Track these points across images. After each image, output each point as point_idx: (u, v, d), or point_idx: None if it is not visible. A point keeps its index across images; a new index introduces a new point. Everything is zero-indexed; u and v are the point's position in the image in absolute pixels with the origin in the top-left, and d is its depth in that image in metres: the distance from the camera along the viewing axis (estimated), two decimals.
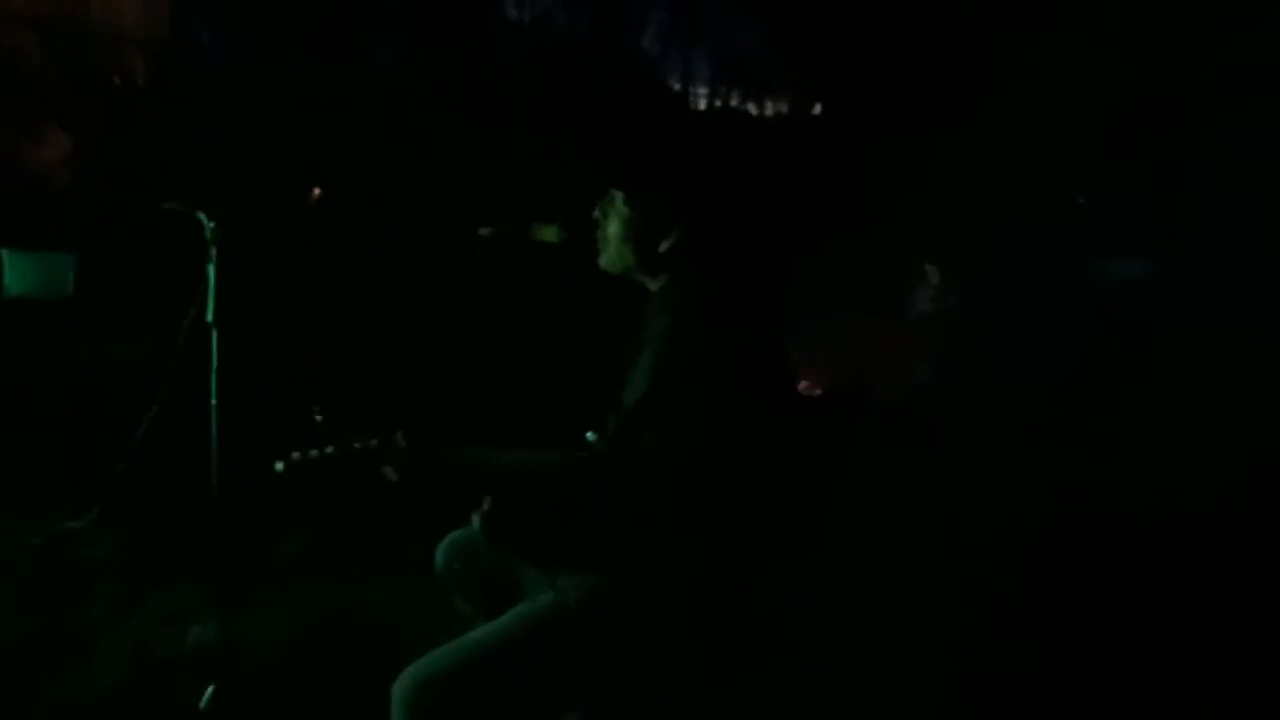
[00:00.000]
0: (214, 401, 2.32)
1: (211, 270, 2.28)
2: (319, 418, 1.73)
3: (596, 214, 1.87)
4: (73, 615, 2.86)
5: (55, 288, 6.85)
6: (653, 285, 1.88)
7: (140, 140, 8.38)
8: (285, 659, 2.68)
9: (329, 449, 1.73)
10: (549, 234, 1.96)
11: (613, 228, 1.86)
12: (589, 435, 1.93)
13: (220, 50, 9.41)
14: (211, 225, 2.26)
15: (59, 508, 3.37)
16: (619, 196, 1.85)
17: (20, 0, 7.75)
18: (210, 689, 2.41)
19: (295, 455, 1.71)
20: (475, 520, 1.73)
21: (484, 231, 2.03)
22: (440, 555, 2.16)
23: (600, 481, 1.75)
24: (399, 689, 1.81)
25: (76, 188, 8.54)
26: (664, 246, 1.83)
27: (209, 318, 2.30)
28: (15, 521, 3.35)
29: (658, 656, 1.83)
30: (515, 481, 1.79)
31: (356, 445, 1.75)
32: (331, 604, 2.96)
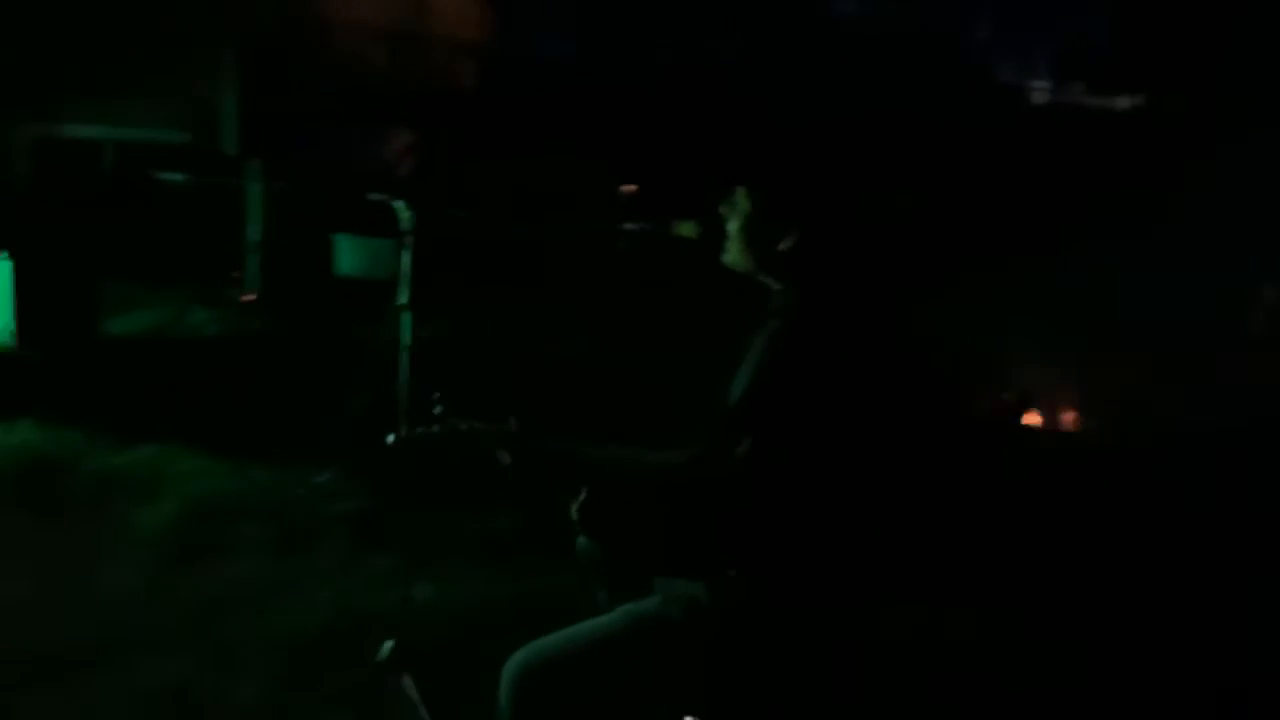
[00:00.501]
0: (404, 379, 2.48)
1: (406, 257, 2.43)
2: (437, 408, 1.79)
3: (722, 209, 1.80)
4: (302, 562, 3.20)
5: (381, 269, 7.65)
6: (774, 287, 1.79)
7: (468, 137, 9.18)
8: (464, 626, 2.82)
9: (441, 427, 1.79)
10: (688, 230, 1.91)
11: (734, 224, 1.79)
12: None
13: (544, 53, 10.09)
14: (409, 215, 2.41)
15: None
16: (741, 192, 1.77)
17: (370, 14, 8.71)
18: (389, 644, 2.58)
19: (405, 430, 1.79)
20: (573, 510, 1.72)
21: (629, 227, 2.02)
22: (581, 542, 2.18)
23: (692, 485, 1.69)
24: (507, 670, 1.84)
25: (412, 181, 9.49)
26: (782, 246, 1.74)
27: (403, 300, 2.46)
28: (286, 472, 3.79)
29: (755, 676, 1.74)
30: (615, 476, 1.76)
31: (467, 427, 1.80)
32: (519, 577, 3.07)
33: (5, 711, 2.41)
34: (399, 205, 2.43)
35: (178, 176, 7.02)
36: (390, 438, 1.79)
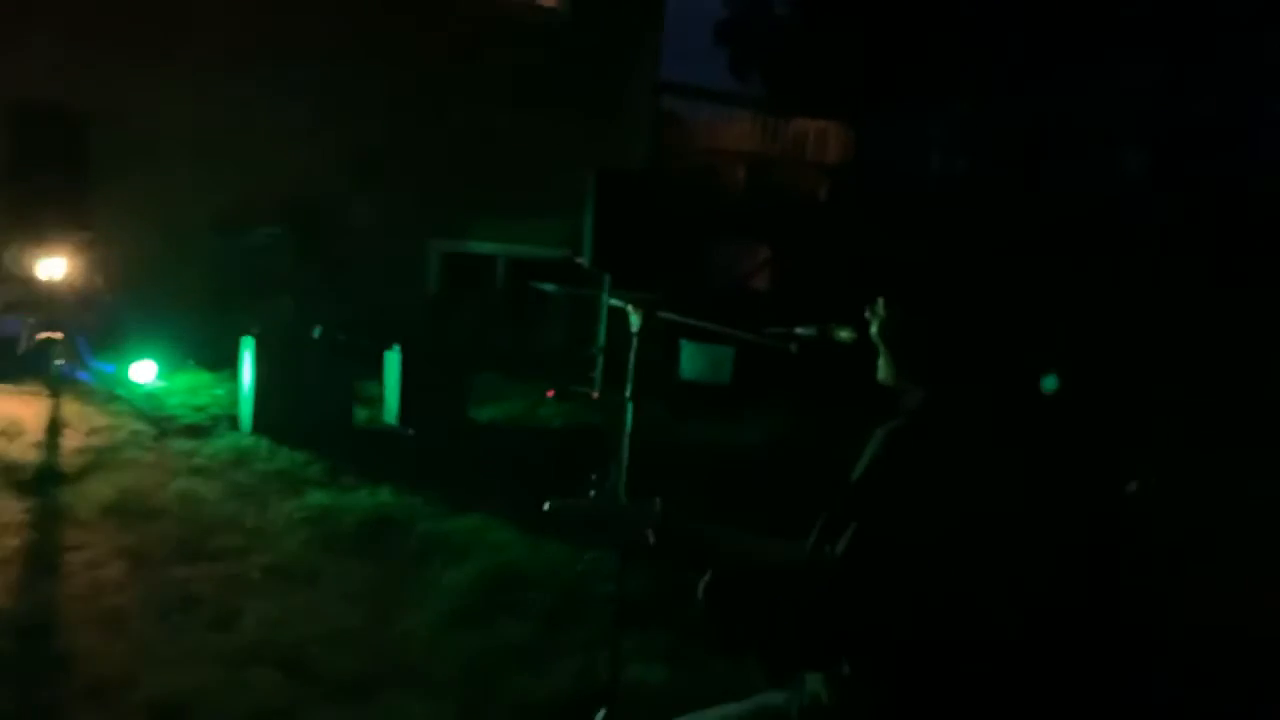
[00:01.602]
0: (624, 462, 2.73)
1: (632, 356, 2.71)
2: (594, 481, 2.01)
3: (866, 314, 1.87)
4: (566, 632, 3.51)
5: (718, 375, 8.10)
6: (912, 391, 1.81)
7: (819, 247, 9.50)
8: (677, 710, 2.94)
9: (592, 500, 2.00)
10: (845, 334, 1.98)
11: (874, 329, 1.85)
12: None
13: (886, 171, 10.27)
14: (636, 318, 2.69)
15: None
16: (881, 300, 1.84)
17: (728, 141, 9.40)
18: (601, 713, 2.79)
19: (558, 500, 2.01)
20: (699, 590, 1.84)
21: (800, 330, 2.12)
22: None
23: (806, 576, 1.74)
24: None
25: (767, 290, 9.95)
26: (915, 353, 1.77)
27: (628, 394, 2.73)
28: (575, 551, 4.17)
29: None
30: (740, 562, 1.85)
31: (617, 503, 1.99)
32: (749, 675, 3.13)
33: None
34: (629, 309, 2.71)
35: (551, 286, 7.97)
36: (546, 505, 2.03)
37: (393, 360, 6.14)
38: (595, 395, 7.09)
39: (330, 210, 7.68)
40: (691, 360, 8.06)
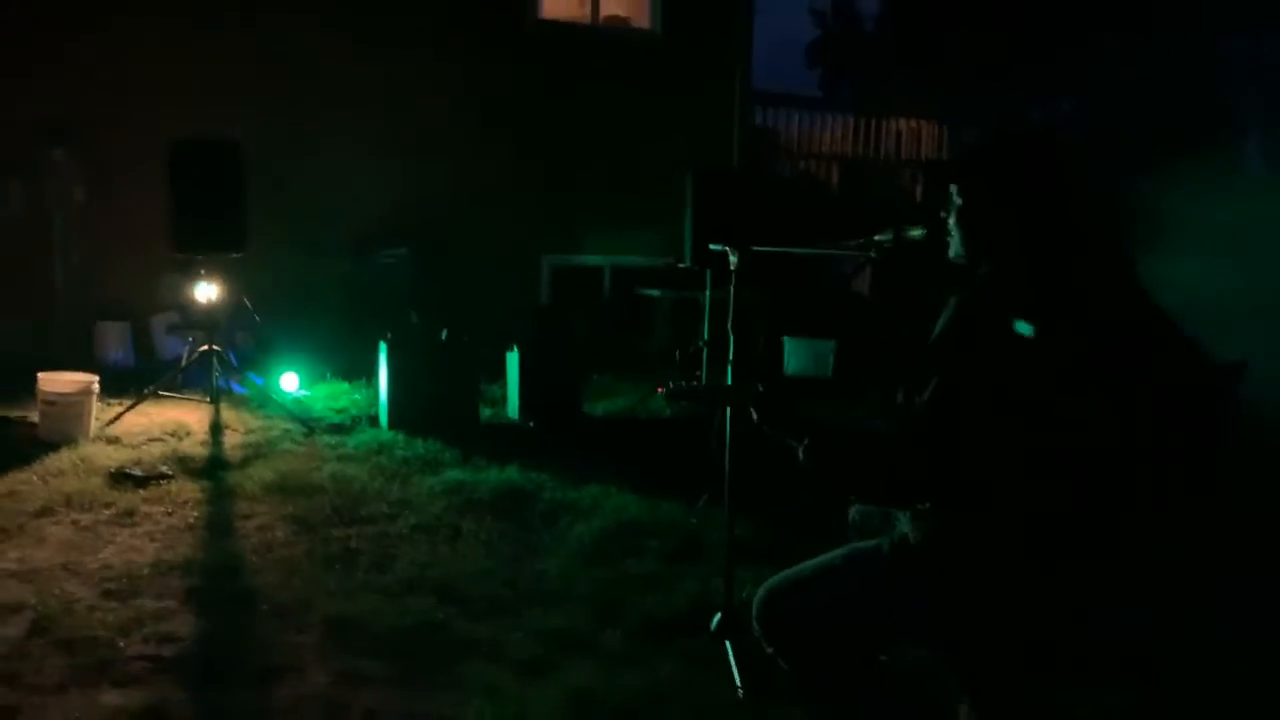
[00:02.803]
0: (728, 381, 3.05)
1: (731, 291, 3.04)
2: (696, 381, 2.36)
3: (942, 214, 2.15)
4: (683, 567, 3.84)
5: (820, 369, 8.32)
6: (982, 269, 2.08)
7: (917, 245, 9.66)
8: None
9: (700, 383, 2.34)
10: (917, 233, 2.27)
11: (952, 220, 2.13)
12: None
13: None
14: (734, 259, 3.03)
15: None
16: (954, 189, 2.11)
17: (821, 143, 9.69)
18: (718, 616, 3.10)
19: (672, 384, 2.35)
20: (799, 453, 2.14)
21: (878, 237, 2.41)
22: (852, 512, 2.54)
23: (889, 431, 2.02)
24: (757, 594, 2.29)
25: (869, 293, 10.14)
26: (988, 233, 2.04)
27: (729, 327, 3.06)
28: (686, 506, 4.52)
29: (942, 606, 1.99)
30: (835, 429, 2.14)
31: (723, 385, 2.32)
32: None
33: (449, 629, 3.32)
34: (728, 250, 3.04)
35: (655, 291, 8.38)
36: (661, 389, 2.37)
37: (512, 361, 6.60)
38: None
39: (450, 231, 8.25)
40: (794, 355, 8.31)
